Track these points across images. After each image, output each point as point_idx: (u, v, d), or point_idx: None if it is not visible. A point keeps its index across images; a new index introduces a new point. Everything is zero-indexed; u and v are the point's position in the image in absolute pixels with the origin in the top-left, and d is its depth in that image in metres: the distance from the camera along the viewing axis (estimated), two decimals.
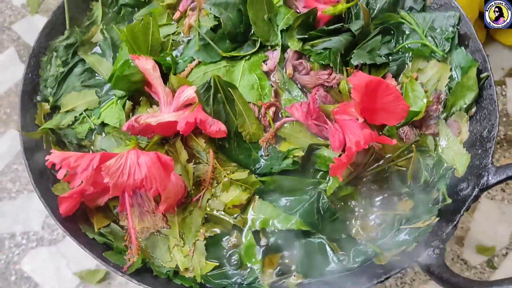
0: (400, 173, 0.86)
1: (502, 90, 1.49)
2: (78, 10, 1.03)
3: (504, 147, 1.40)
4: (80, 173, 0.73)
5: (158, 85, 0.87)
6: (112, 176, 0.72)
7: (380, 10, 0.96)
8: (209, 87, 0.85)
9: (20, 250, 1.20)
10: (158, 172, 0.74)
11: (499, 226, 1.23)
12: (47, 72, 0.96)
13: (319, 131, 0.87)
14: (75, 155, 0.75)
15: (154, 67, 0.87)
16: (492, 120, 0.83)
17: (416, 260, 0.73)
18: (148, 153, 0.76)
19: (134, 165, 0.74)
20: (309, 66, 0.92)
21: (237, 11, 0.95)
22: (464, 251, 1.24)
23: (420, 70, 0.93)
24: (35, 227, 1.22)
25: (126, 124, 0.82)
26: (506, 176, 0.76)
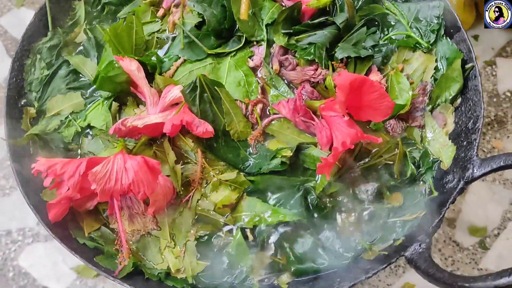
0: (388, 167, 0.86)
1: (492, 70, 1.49)
2: (61, 10, 1.01)
3: (495, 128, 1.41)
4: (67, 180, 0.73)
5: (144, 85, 0.87)
6: (99, 183, 0.72)
7: (365, 1, 0.96)
8: (194, 87, 0.84)
9: (17, 247, 1.21)
10: (145, 176, 0.75)
11: (490, 207, 1.25)
12: (32, 75, 0.95)
13: (306, 128, 0.87)
14: (61, 161, 0.75)
15: (139, 68, 0.86)
16: (477, 111, 0.83)
17: (403, 255, 0.74)
18: (134, 157, 0.76)
19: (121, 170, 0.74)
20: (295, 61, 0.92)
21: (221, 6, 0.95)
22: (456, 233, 1.26)
23: (406, 61, 0.93)
24: (30, 223, 1.22)
25: (113, 128, 0.82)
26: (491, 169, 0.76)
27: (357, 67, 0.90)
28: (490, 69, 1.48)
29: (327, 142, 0.82)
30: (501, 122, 1.41)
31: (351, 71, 0.90)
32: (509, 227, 1.25)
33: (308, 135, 0.88)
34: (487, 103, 1.44)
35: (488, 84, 1.46)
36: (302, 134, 0.88)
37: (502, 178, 1.33)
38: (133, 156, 0.77)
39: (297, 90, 0.89)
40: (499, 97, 1.44)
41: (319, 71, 0.89)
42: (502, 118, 1.41)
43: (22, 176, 0.84)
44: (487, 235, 1.25)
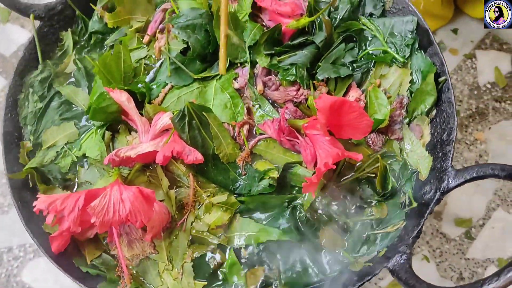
0: (371, 180, 0.91)
1: (472, 63, 1.53)
2: (49, 42, 1.04)
3: (477, 120, 1.45)
4: (67, 215, 0.77)
5: (134, 115, 0.90)
6: (98, 215, 0.76)
7: (342, 19, 0.99)
8: (183, 115, 0.88)
9: (19, 263, 1.25)
10: (141, 205, 0.79)
11: (475, 198, 1.30)
12: (26, 109, 0.98)
13: (291, 146, 0.91)
14: (60, 197, 0.78)
15: (128, 99, 0.90)
16: (451, 123, 0.87)
17: (386, 266, 0.79)
18: (130, 188, 0.80)
19: (118, 201, 0.78)
20: (278, 82, 0.95)
21: (204, 31, 0.98)
22: (442, 225, 1.31)
23: (383, 76, 0.96)
24: (30, 239, 1.26)
25: (107, 158, 0.86)
26: (464, 180, 0.80)
27: (338, 85, 0.94)
28: (470, 62, 1.52)
29: (311, 160, 0.86)
30: (482, 114, 1.45)
31: (332, 89, 0.94)
32: (493, 217, 1.30)
33: (294, 154, 0.92)
34: (468, 95, 1.48)
35: (468, 77, 1.50)
36: (288, 152, 0.92)
37: None
38: (128, 186, 0.81)
39: (281, 110, 0.93)
40: (479, 89, 1.48)
41: (301, 91, 0.93)
42: (483, 110, 1.45)
43: (24, 210, 0.88)
44: (473, 225, 1.30)
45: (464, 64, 1.52)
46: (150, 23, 1.05)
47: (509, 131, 1.41)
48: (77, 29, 1.06)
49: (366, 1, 1.00)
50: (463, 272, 1.25)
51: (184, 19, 0.97)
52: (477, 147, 1.40)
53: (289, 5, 0.96)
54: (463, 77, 1.50)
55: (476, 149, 1.40)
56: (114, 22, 1.03)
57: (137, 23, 1.04)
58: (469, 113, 1.46)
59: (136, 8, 1.04)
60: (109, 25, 1.03)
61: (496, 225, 1.30)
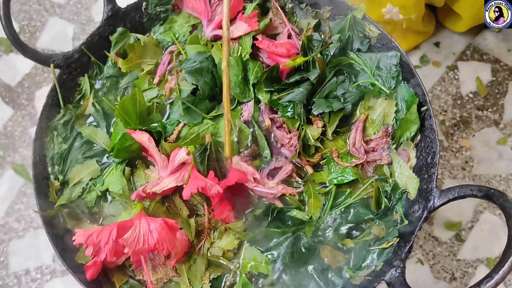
0: (364, 203, 1.01)
1: (454, 75, 1.60)
2: (68, 87, 1.12)
3: (461, 128, 1.53)
4: (103, 246, 0.87)
5: (154, 153, 1.00)
6: (130, 246, 0.86)
7: (333, 55, 1.09)
8: (205, 149, 0.99)
9: (37, 285, 1.31)
10: (167, 235, 0.89)
11: (463, 202, 1.33)
12: (52, 151, 1.07)
13: None
14: (95, 231, 0.88)
15: (149, 139, 1.00)
16: (433, 148, 0.97)
17: (383, 279, 0.89)
18: (156, 220, 0.90)
19: (146, 232, 0.88)
20: (281, 119, 1.05)
21: (211, 74, 1.07)
22: (434, 229, 1.39)
23: (370, 107, 1.06)
24: (46, 261, 1.34)
25: (135, 194, 0.95)
26: (448, 199, 0.90)
27: (331, 117, 1.04)
28: (452, 73, 1.59)
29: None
30: (466, 122, 1.53)
31: (326, 121, 1.05)
32: (481, 219, 1.39)
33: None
34: (452, 105, 1.55)
35: (451, 88, 1.58)
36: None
37: (471, 174, 1.46)
38: (154, 218, 0.91)
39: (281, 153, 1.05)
40: (462, 99, 1.55)
41: (291, 143, 1.02)
42: (467, 118, 1.53)
43: (58, 244, 0.97)
44: (462, 228, 1.38)
45: (447, 76, 1.59)
46: (159, 65, 1.14)
47: (492, 137, 1.49)
48: (93, 73, 1.15)
49: (353, 38, 1.10)
50: (455, 272, 1.34)
51: (191, 63, 1.07)
52: (462, 154, 1.48)
53: (284, 46, 1.06)
54: (446, 88, 1.57)
55: (462, 156, 1.48)
56: (127, 67, 1.12)
57: (148, 66, 1.14)
58: (453, 122, 1.53)
59: (145, 52, 1.13)
60: (122, 70, 1.12)
61: (484, 227, 1.38)
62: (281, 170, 1.02)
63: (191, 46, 1.10)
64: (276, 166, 1.03)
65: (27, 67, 1.63)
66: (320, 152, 1.05)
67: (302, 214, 0.99)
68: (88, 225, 1.02)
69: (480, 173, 1.46)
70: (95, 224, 1.02)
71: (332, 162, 1.04)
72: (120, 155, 1.02)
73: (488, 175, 1.46)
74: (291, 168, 1.02)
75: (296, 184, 1.03)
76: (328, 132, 1.05)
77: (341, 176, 1.02)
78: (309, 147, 1.05)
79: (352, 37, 1.10)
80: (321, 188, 1.03)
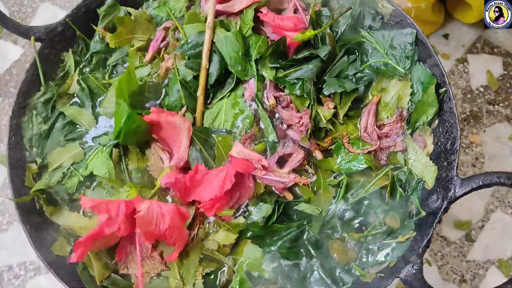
0: (377, 192, 0.92)
1: (464, 68, 1.55)
2: (50, 63, 1.04)
3: (471, 123, 1.47)
4: (115, 217, 0.79)
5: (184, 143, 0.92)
6: (142, 226, 0.79)
7: (343, 32, 1.01)
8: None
9: (20, 281, 1.24)
10: (178, 222, 0.82)
11: (473, 200, 1.31)
12: (30, 131, 0.98)
13: None
14: (103, 201, 0.80)
15: (189, 128, 0.92)
16: (454, 133, 0.89)
17: (398, 276, 0.80)
18: (168, 205, 0.82)
19: (159, 215, 0.80)
20: (288, 98, 0.96)
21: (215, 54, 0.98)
22: (443, 228, 1.32)
23: (383, 89, 0.98)
24: (31, 257, 1.26)
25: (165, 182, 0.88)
26: (471, 188, 0.82)
27: (343, 99, 0.96)
28: (462, 66, 1.54)
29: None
30: (476, 117, 1.47)
31: (337, 102, 0.96)
32: (492, 218, 1.32)
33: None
34: (461, 99, 1.49)
35: (461, 81, 1.52)
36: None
37: (482, 171, 1.39)
38: (165, 203, 0.84)
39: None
40: (472, 93, 1.50)
41: (301, 122, 0.94)
42: (477, 113, 1.47)
43: (33, 233, 0.88)
44: (472, 227, 1.31)
45: (457, 69, 1.54)
46: (151, 42, 1.05)
47: (504, 133, 1.43)
48: (78, 49, 1.06)
49: (364, 14, 1.02)
50: (464, 274, 1.26)
51: (192, 46, 0.98)
52: (473, 150, 1.42)
53: (291, 20, 0.97)
54: (456, 82, 1.52)
55: (472, 152, 1.42)
56: (115, 42, 1.03)
57: (139, 42, 1.05)
58: (463, 117, 1.48)
59: (137, 27, 1.05)
60: (110, 45, 1.03)
61: (495, 226, 1.31)
62: (292, 157, 0.93)
63: (190, 26, 1.01)
64: (285, 152, 0.94)
65: (17, 54, 1.57)
66: (331, 136, 0.97)
67: (312, 208, 0.90)
68: (67, 213, 0.93)
69: (492, 170, 1.39)
70: (75, 212, 0.93)
71: (342, 148, 0.95)
72: (129, 139, 0.93)
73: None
74: (303, 155, 0.93)
75: (305, 174, 0.94)
76: (340, 114, 0.96)
77: (351, 163, 0.93)
78: (320, 130, 0.96)
79: (363, 13, 1.02)
80: (332, 179, 0.94)
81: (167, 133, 0.93)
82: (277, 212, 0.89)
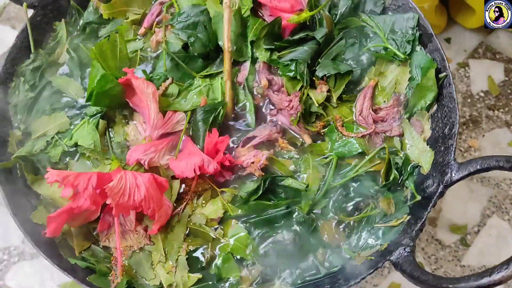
0: (371, 175, 0.90)
1: (465, 72, 1.54)
2: (42, 31, 1.02)
3: (470, 127, 1.45)
4: (82, 191, 0.75)
5: (153, 109, 0.88)
6: (114, 197, 0.74)
7: (342, 15, 0.98)
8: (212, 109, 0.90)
9: (3, 266, 1.20)
10: (155, 193, 0.78)
11: (469, 204, 1.29)
12: (16, 98, 0.96)
13: None
14: (71, 173, 0.76)
15: (154, 92, 0.88)
16: (452, 117, 0.87)
17: (389, 259, 0.77)
18: (144, 174, 0.78)
19: (133, 186, 0.76)
20: (280, 81, 0.94)
21: (205, 29, 0.96)
22: (437, 231, 1.29)
23: (382, 73, 0.95)
24: (15, 241, 1.23)
25: (133, 159, 0.86)
26: (468, 172, 0.79)
27: (337, 82, 0.93)
28: (463, 70, 1.53)
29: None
30: (475, 121, 1.45)
31: (331, 86, 0.93)
32: (488, 223, 1.29)
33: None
34: (461, 103, 1.48)
35: (462, 86, 1.51)
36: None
37: (480, 176, 1.36)
38: (141, 173, 0.79)
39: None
40: (473, 97, 1.48)
41: (291, 105, 0.91)
42: (477, 117, 1.45)
43: (11, 200, 0.85)
44: (468, 232, 1.28)
45: (458, 73, 1.53)
46: (146, 16, 1.03)
47: (503, 138, 1.41)
48: (71, 19, 1.04)
49: None
50: None
51: (184, 17, 0.95)
52: (471, 154, 1.39)
53: (289, 1, 0.95)
54: (456, 85, 1.50)
55: (470, 156, 1.39)
56: (109, 13, 1.01)
57: (134, 15, 1.03)
58: (462, 121, 1.46)
59: (133, 0, 1.03)
60: (104, 16, 1.01)
61: (491, 232, 1.29)
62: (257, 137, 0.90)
63: None
64: (255, 134, 0.91)
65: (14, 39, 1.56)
66: (322, 120, 0.94)
67: (298, 182, 0.86)
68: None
69: (489, 176, 1.36)
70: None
71: (335, 132, 0.92)
72: (101, 101, 0.90)
73: (498, 177, 1.37)
74: (268, 132, 0.90)
75: (289, 155, 0.91)
76: (333, 97, 0.93)
77: (344, 147, 0.90)
78: (310, 114, 0.94)
79: None
80: (321, 159, 0.91)
81: (138, 99, 0.91)
82: (262, 187, 0.86)
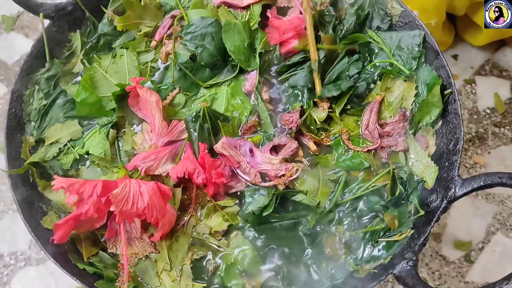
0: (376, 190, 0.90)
1: (472, 89, 1.54)
2: (57, 41, 1.04)
3: (476, 144, 1.46)
4: (86, 199, 0.77)
5: (157, 118, 0.90)
6: (118, 205, 0.76)
7: (348, 31, 1.00)
8: (197, 117, 0.90)
9: (9, 271, 1.21)
10: (158, 201, 0.79)
11: (474, 221, 1.29)
12: (30, 105, 0.98)
13: None
14: (78, 181, 0.78)
15: (158, 101, 0.90)
16: (457, 133, 0.87)
17: (391, 272, 0.77)
18: (148, 183, 0.80)
19: (137, 194, 0.78)
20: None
21: (213, 40, 0.98)
22: (442, 247, 1.29)
23: (388, 89, 0.97)
24: (22, 246, 1.24)
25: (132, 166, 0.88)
26: (472, 188, 0.80)
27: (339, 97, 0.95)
28: (469, 87, 1.54)
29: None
30: (482, 138, 1.46)
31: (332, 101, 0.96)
32: (493, 240, 1.29)
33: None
34: (468, 120, 1.48)
35: (468, 102, 1.51)
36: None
37: (484, 192, 1.36)
38: (145, 181, 0.81)
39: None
40: (479, 114, 1.49)
41: (291, 120, 0.93)
42: (483, 134, 1.46)
43: (23, 205, 0.86)
44: (472, 248, 1.28)
45: (464, 89, 1.54)
46: (158, 29, 1.05)
47: (508, 156, 1.41)
48: (86, 30, 1.07)
49: (373, 15, 1.01)
50: None
51: (193, 29, 0.98)
52: (476, 171, 1.39)
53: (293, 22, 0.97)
54: (463, 102, 1.51)
55: (476, 172, 1.39)
56: (123, 25, 1.03)
57: (146, 28, 1.05)
58: (468, 137, 1.46)
59: (145, 13, 1.05)
60: (118, 28, 1.03)
61: (496, 249, 1.29)
62: (286, 147, 0.91)
63: (194, 11, 1.02)
64: (280, 143, 0.93)
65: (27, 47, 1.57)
66: (327, 134, 0.96)
67: (310, 199, 0.88)
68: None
69: (494, 192, 1.36)
70: None
71: (342, 145, 0.93)
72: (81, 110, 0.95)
73: (503, 194, 1.37)
74: (296, 145, 0.91)
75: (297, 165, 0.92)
76: (336, 112, 0.95)
77: (350, 161, 0.91)
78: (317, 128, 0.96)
79: (372, 14, 1.01)
80: (331, 174, 0.92)
81: (144, 108, 0.94)
82: (274, 203, 0.87)
